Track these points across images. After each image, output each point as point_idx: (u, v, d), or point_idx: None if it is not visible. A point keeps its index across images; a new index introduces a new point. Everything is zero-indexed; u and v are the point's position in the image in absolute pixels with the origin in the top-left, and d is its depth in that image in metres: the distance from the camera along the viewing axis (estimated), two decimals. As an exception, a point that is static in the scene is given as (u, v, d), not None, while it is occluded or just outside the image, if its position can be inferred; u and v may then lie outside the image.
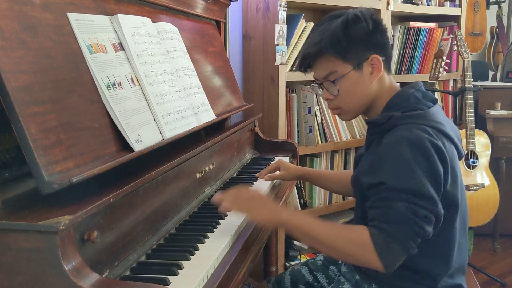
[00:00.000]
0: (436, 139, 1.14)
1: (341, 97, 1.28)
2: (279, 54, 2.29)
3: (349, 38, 1.23)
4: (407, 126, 1.16)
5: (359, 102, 1.29)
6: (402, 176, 1.11)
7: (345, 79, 1.26)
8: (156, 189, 1.18)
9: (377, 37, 1.26)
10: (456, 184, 1.19)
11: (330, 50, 1.25)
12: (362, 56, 1.25)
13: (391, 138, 1.16)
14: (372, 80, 1.26)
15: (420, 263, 1.19)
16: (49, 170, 0.88)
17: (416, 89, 1.27)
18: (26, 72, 0.91)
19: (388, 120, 1.21)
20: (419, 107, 1.22)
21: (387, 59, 1.29)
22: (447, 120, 1.24)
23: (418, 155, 1.11)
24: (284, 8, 2.26)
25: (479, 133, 2.87)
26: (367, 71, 1.26)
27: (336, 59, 1.25)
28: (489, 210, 2.85)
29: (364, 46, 1.25)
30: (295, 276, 1.53)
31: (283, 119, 2.37)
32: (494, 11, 4.32)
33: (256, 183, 1.69)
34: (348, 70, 1.25)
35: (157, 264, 1.06)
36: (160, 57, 1.38)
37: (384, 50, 1.27)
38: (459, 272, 1.27)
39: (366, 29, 1.23)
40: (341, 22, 1.24)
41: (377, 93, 1.28)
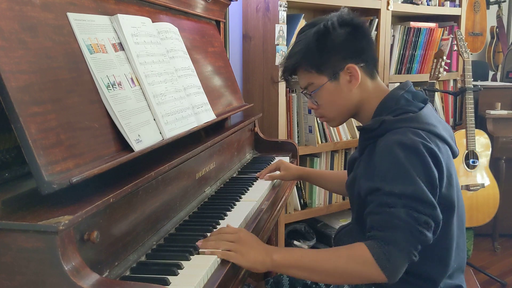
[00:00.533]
0: (430, 143, 1.12)
1: (322, 106, 1.29)
2: (279, 54, 2.29)
3: (321, 50, 1.22)
4: (400, 130, 1.15)
5: (342, 110, 1.29)
6: (399, 181, 1.08)
7: (322, 90, 1.26)
8: (156, 189, 1.18)
9: (354, 44, 1.24)
10: (452, 186, 1.18)
11: (304, 63, 1.25)
12: (337, 66, 1.23)
13: (386, 143, 1.14)
14: (351, 89, 1.25)
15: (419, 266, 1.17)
16: (49, 170, 0.88)
17: (406, 90, 1.25)
18: (26, 72, 0.91)
19: (380, 125, 1.19)
20: (410, 110, 1.20)
21: (368, 64, 1.26)
22: (439, 120, 1.23)
23: (413, 159, 1.09)
24: (284, 8, 2.26)
25: (479, 133, 2.87)
26: (344, 80, 1.24)
27: (310, 71, 1.25)
28: (489, 210, 2.85)
29: (338, 56, 1.23)
30: (293, 278, 1.53)
31: (283, 119, 2.37)
32: (494, 11, 4.32)
33: (256, 184, 1.69)
34: (324, 81, 1.25)
35: (157, 264, 1.06)
36: (160, 57, 1.38)
37: (363, 55, 1.25)
38: (458, 271, 1.27)
39: (338, 39, 1.22)
40: (313, 34, 1.23)
41: (362, 99, 1.27)
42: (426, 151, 1.11)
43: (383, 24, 2.72)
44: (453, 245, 1.21)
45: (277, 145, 2.14)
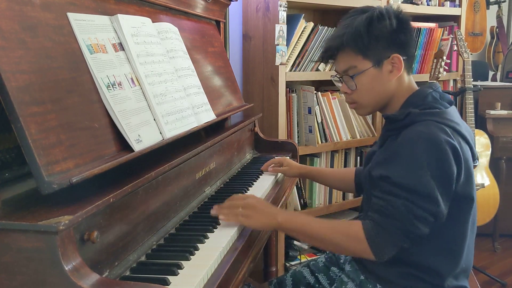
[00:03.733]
0: (453, 139, 1.15)
1: (359, 92, 1.29)
2: (279, 54, 2.29)
3: (371, 35, 1.24)
4: (425, 123, 1.17)
5: (376, 99, 1.30)
6: (408, 174, 1.13)
7: (364, 75, 1.27)
8: (156, 189, 1.18)
9: (400, 36, 1.26)
10: (471, 183, 1.22)
11: (351, 45, 1.25)
12: (383, 54, 1.25)
13: (409, 134, 1.17)
14: (391, 79, 1.27)
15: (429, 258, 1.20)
16: (49, 170, 0.88)
17: (434, 90, 1.28)
18: (26, 72, 0.91)
19: (406, 116, 1.21)
20: (436, 106, 1.23)
21: (409, 58, 1.29)
22: (462, 122, 1.26)
23: (433, 154, 1.12)
24: (284, 8, 2.26)
25: (479, 133, 2.87)
26: (386, 69, 1.26)
27: (356, 54, 1.26)
28: (489, 210, 2.85)
29: (386, 44, 1.25)
30: (297, 278, 1.53)
31: (283, 119, 2.37)
32: (494, 11, 4.32)
33: (256, 184, 1.69)
34: (368, 66, 1.26)
35: (157, 264, 1.06)
36: (160, 57, 1.38)
37: (406, 49, 1.27)
38: (464, 274, 1.28)
39: (389, 28, 1.23)
40: (365, 18, 1.24)
41: (395, 92, 1.29)
42: (448, 146, 1.13)
43: (383, 24, 2.71)
44: (466, 242, 1.25)
45: (277, 145, 2.14)
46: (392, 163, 1.17)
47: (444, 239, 1.20)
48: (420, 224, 1.12)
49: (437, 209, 1.12)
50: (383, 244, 1.14)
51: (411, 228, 1.12)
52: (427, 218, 1.13)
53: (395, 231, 1.13)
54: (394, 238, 1.14)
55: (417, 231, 1.13)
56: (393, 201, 1.13)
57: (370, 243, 1.14)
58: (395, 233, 1.13)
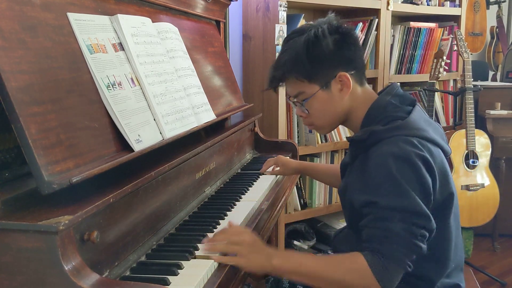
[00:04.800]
0: (422, 150, 1.11)
1: (313, 115, 1.27)
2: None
3: (311, 59, 1.20)
4: (391, 140, 1.13)
5: (332, 118, 1.28)
6: (394, 195, 1.09)
7: (314, 99, 1.24)
8: (156, 189, 1.18)
9: (343, 52, 1.22)
10: (449, 183, 1.18)
11: (295, 73, 1.23)
12: (329, 75, 1.22)
13: (378, 156, 1.13)
14: (343, 97, 1.23)
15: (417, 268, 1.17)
16: (49, 170, 0.88)
17: (392, 95, 1.24)
18: (26, 72, 0.91)
19: (370, 135, 1.17)
20: (398, 116, 1.19)
21: (358, 71, 1.25)
22: (429, 123, 1.22)
23: (406, 171, 1.09)
24: (284, 8, 2.26)
25: (479, 133, 2.87)
26: (336, 88, 1.23)
27: (301, 81, 1.23)
28: (489, 210, 2.85)
29: (329, 64, 1.21)
30: None
31: (283, 119, 2.37)
32: (494, 11, 4.32)
33: (256, 184, 1.69)
34: (316, 90, 1.23)
35: (157, 264, 1.06)
36: (160, 57, 1.38)
37: (353, 63, 1.23)
38: (456, 270, 1.27)
39: (328, 48, 1.20)
40: (303, 42, 1.20)
41: (351, 106, 1.25)
42: (419, 159, 1.10)
43: (383, 24, 2.72)
44: (451, 246, 1.22)
45: (277, 145, 2.14)
46: (374, 189, 1.12)
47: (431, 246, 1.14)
48: (421, 242, 1.09)
49: (430, 223, 1.10)
50: (391, 274, 1.07)
51: (414, 249, 1.08)
52: (424, 234, 1.09)
53: (399, 257, 1.07)
54: (400, 264, 1.08)
55: (419, 250, 1.09)
56: (389, 226, 1.08)
57: (378, 277, 1.06)
58: (400, 259, 1.07)
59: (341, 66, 1.22)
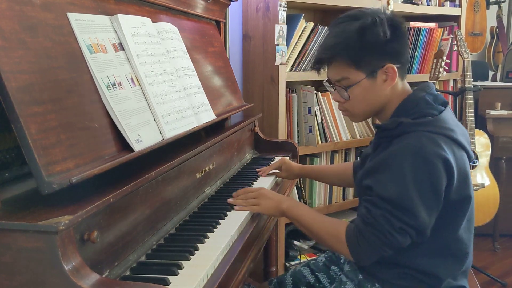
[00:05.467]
0: (445, 150, 1.13)
1: (352, 102, 1.27)
2: (279, 54, 2.29)
3: (363, 46, 1.19)
4: (416, 134, 1.15)
5: (370, 108, 1.28)
6: (391, 187, 1.14)
7: (357, 87, 1.23)
8: (156, 189, 1.18)
9: (394, 45, 1.22)
10: (468, 184, 1.21)
11: (344, 57, 1.22)
12: (377, 65, 1.22)
13: (399, 146, 1.16)
14: (385, 88, 1.24)
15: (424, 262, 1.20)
16: (49, 170, 0.88)
17: (427, 92, 1.25)
18: (26, 72, 0.91)
19: (397, 126, 1.19)
20: (429, 113, 1.20)
21: (403, 65, 1.26)
22: (457, 125, 1.23)
23: (420, 168, 1.11)
24: (284, 8, 2.26)
25: (479, 133, 2.87)
26: (380, 79, 1.23)
27: (349, 66, 1.22)
28: (489, 210, 2.85)
29: (379, 54, 1.21)
30: (297, 277, 1.53)
31: (283, 119, 2.37)
32: (494, 11, 4.32)
33: (256, 184, 1.68)
34: (361, 78, 1.22)
35: (157, 264, 1.06)
36: (160, 57, 1.38)
37: (400, 57, 1.23)
38: (463, 274, 1.28)
39: (382, 38, 1.19)
40: (357, 28, 1.19)
41: (389, 99, 1.26)
42: (438, 159, 1.12)
43: (383, 24, 2.71)
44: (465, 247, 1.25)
45: (277, 145, 2.14)
46: (378, 174, 1.17)
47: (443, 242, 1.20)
48: (399, 235, 1.14)
49: (416, 222, 1.12)
50: (361, 250, 1.18)
51: (389, 239, 1.14)
52: (405, 229, 1.13)
53: (373, 240, 1.15)
54: (373, 246, 1.16)
55: (396, 242, 1.14)
56: (373, 211, 1.15)
57: (349, 247, 1.19)
58: (373, 242, 1.15)
59: (389, 57, 1.22)
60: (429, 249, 1.20)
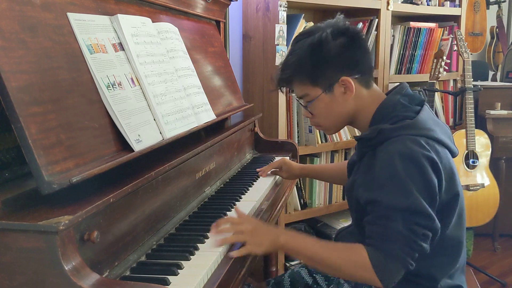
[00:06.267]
0: (429, 151, 1.12)
1: (317, 116, 1.29)
2: (279, 54, 2.29)
3: (315, 62, 1.21)
4: (399, 139, 1.14)
5: (337, 120, 1.29)
6: (397, 194, 1.10)
7: (317, 102, 1.25)
8: (156, 189, 1.18)
9: (347, 56, 1.22)
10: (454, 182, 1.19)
11: (299, 75, 1.24)
12: (332, 79, 1.22)
13: (385, 154, 1.14)
14: (347, 99, 1.24)
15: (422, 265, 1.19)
16: (49, 170, 0.88)
17: (402, 94, 1.24)
18: (26, 72, 0.91)
19: (378, 134, 1.18)
20: (407, 116, 1.20)
21: (364, 73, 1.25)
22: (437, 123, 1.22)
23: (412, 170, 1.10)
24: (284, 8, 2.26)
25: (479, 133, 2.87)
26: (338, 91, 1.23)
27: (306, 83, 1.25)
28: (489, 210, 2.85)
29: (332, 69, 1.22)
30: (295, 278, 1.53)
31: (283, 119, 2.37)
32: (494, 11, 4.32)
33: (256, 184, 1.69)
34: (319, 93, 1.24)
35: (157, 264, 1.06)
36: (160, 57, 1.38)
37: (358, 66, 1.23)
38: (459, 271, 1.27)
39: (332, 52, 1.20)
40: (307, 46, 1.21)
41: (358, 108, 1.26)
42: (425, 160, 1.11)
43: (383, 24, 2.72)
44: (456, 245, 1.23)
45: (277, 145, 2.14)
46: (379, 187, 1.13)
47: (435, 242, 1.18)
48: (423, 242, 1.10)
49: (434, 224, 1.11)
50: (391, 271, 1.10)
51: (415, 248, 1.10)
52: (426, 234, 1.11)
53: (400, 255, 1.09)
54: (401, 262, 1.10)
55: (421, 250, 1.11)
56: (391, 225, 1.10)
57: (378, 273, 1.09)
58: (401, 257, 1.09)
59: (344, 70, 1.22)
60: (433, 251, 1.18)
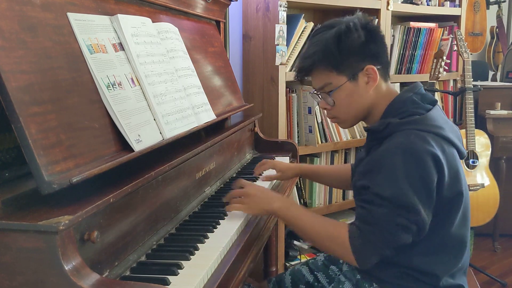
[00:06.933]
0: (434, 147, 1.14)
1: (338, 107, 1.30)
2: (279, 54, 2.29)
3: (342, 50, 1.23)
4: (405, 132, 1.17)
5: (356, 112, 1.31)
6: (388, 185, 1.13)
7: (340, 91, 1.27)
8: (156, 189, 1.18)
9: (371, 46, 1.25)
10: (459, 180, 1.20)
11: (324, 63, 1.26)
12: (357, 67, 1.25)
13: (388, 145, 1.17)
14: (368, 90, 1.27)
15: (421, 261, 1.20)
16: (49, 170, 0.88)
17: (414, 92, 1.27)
18: (26, 72, 0.91)
19: (386, 127, 1.21)
20: (417, 112, 1.22)
21: (384, 67, 1.28)
22: (446, 122, 1.24)
23: (410, 163, 1.12)
24: (284, 8, 2.26)
25: (479, 133, 2.87)
26: (362, 81, 1.26)
27: (330, 71, 1.26)
28: (489, 210, 2.85)
29: (358, 57, 1.25)
30: (296, 276, 1.53)
31: (283, 119, 2.37)
32: (494, 11, 4.32)
33: (258, 182, 1.68)
34: (343, 82, 1.26)
35: (157, 264, 1.06)
36: (160, 57, 1.38)
37: (379, 59, 1.27)
38: (460, 271, 1.28)
39: (359, 40, 1.23)
40: (334, 34, 1.24)
41: (375, 101, 1.29)
42: (428, 155, 1.13)
43: (383, 24, 2.72)
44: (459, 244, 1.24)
45: (277, 145, 2.14)
46: (373, 174, 1.17)
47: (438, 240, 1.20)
48: (402, 232, 1.13)
49: (418, 218, 1.13)
50: (366, 252, 1.16)
51: (392, 237, 1.14)
52: (408, 226, 1.13)
53: (377, 239, 1.14)
54: (376, 247, 1.15)
55: (399, 240, 1.14)
56: (374, 210, 1.14)
57: (353, 250, 1.16)
58: (377, 242, 1.15)
59: (368, 59, 1.25)
60: (425, 247, 1.20)
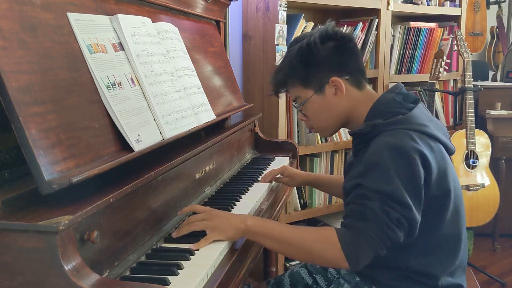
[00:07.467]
0: (419, 144, 1.14)
1: (311, 118, 1.34)
2: (279, 54, 2.29)
3: (305, 65, 1.27)
4: (391, 132, 1.17)
5: (331, 121, 1.33)
6: (379, 180, 1.12)
7: (309, 103, 1.31)
8: (156, 189, 1.18)
9: (337, 57, 1.27)
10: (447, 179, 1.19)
11: (291, 78, 1.31)
12: (322, 80, 1.28)
13: (376, 145, 1.17)
14: (338, 100, 1.29)
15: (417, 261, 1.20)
16: (49, 170, 0.88)
17: (396, 93, 1.27)
18: (26, 72, 0.91)
19: (372, 128, 1.21)
20: (400, 111, 1.22)
21: (353, 76, 1.29)
22: (430, 119, 1.24)
23: (399, 161, 1.12)
24: (284, 8, 2.26)
25: (479, 133, 2.87)
26: (330, 92, 1.28)
27: (297, 86, 1.31)
28: (489, 210, 2.85)
29: (322, 70, 1.27)
30: (295, 278, 1.53)
31: (283, 119, 2.37)
32: (494, 11, 4.32)
33: (256, 184, 1.68)
34: (310, 95, 1.30)
35: (157, 264, 1.06)
36: (160, 57, 1.38)
37: (347, 68, 1.28)
38: (459, 270, 1.28)
39: (322, 54, 1.26)
40: (296, 50, 1.28)
41: (351, 108, 1.30)
42: (415, 152, 1.12)
43: (383, 24, 2.72)
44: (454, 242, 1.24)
45: (277, 145, 2.14)
46: (365, 173, 1.15)
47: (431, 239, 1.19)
48: (396, 227, 1.10)
49: (410, 214, 1.11)
50: (358, 250, 1.10)
51: (387, 231, 1.09)
52: (401, 221, 1.10)
53: (370, 234, 1.09)
54: (370, 242, 1.09)
55: (393, 235, 1.10)
56: (368, 204, 1.10)
57: (344, 250, 1.09)
58: (370, 237, 1.09)
59: (334, 71, 1.27)
60: (420, 248, 1.19)
